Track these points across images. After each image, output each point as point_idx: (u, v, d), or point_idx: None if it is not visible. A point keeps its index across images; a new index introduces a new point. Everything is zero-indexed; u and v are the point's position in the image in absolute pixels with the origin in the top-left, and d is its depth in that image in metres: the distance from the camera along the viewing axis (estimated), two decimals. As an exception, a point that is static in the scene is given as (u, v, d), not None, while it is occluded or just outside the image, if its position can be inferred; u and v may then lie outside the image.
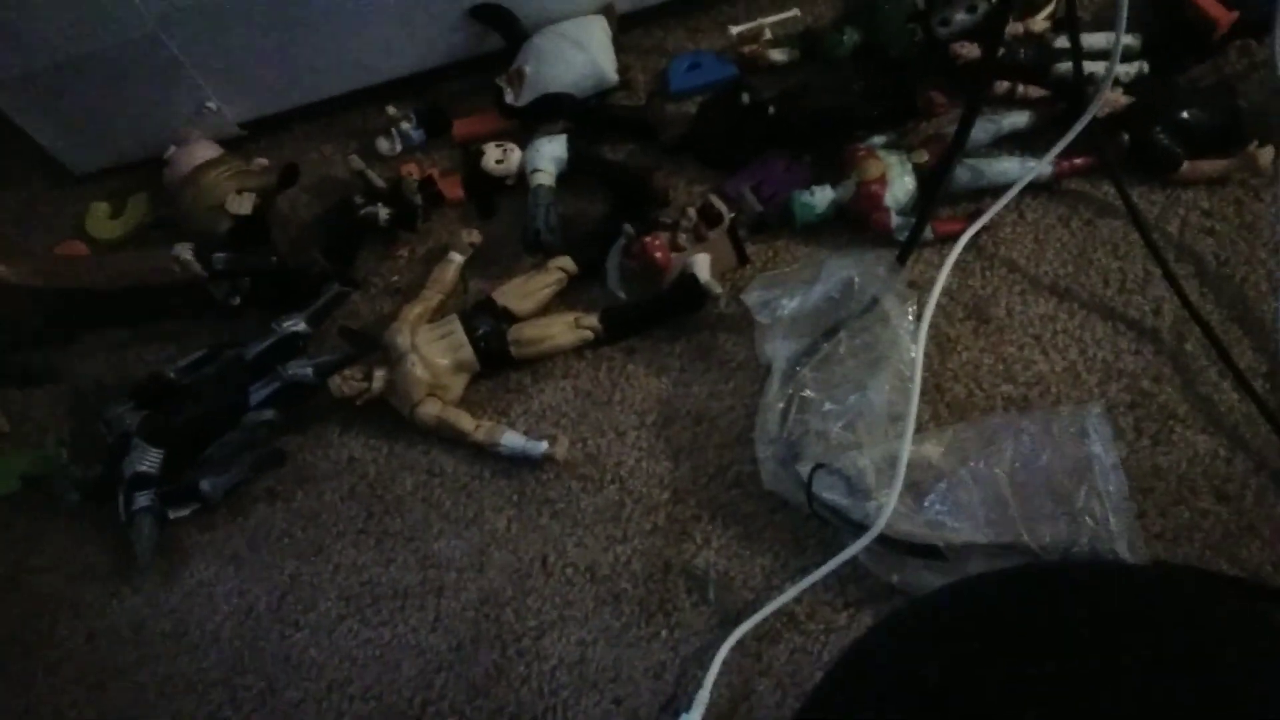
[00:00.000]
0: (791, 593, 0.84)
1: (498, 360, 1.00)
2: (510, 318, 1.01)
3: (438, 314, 1.04)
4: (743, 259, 1.01)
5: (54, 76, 1.11)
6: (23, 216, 1.28)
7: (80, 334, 1.14)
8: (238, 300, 1.05)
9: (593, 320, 1.00)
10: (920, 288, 0.96)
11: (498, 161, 1.10)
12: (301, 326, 1.03)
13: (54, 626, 0.97)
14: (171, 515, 0.98)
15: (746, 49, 1.13)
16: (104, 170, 1.27)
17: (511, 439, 0.96)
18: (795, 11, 1.14)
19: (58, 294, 1.05)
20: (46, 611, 0.98)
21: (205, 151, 1.17)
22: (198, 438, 1.00)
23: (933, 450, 0.85)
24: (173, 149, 1.18)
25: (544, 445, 0.95)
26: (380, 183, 1.11)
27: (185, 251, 0.99)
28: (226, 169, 1.12)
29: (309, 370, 0.99)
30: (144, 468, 0.97)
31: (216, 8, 1.07)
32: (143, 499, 0.96)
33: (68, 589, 0.99)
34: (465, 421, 0.97)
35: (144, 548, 0.95)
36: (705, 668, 0.83)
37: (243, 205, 1.06)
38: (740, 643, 0.83)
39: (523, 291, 1.02)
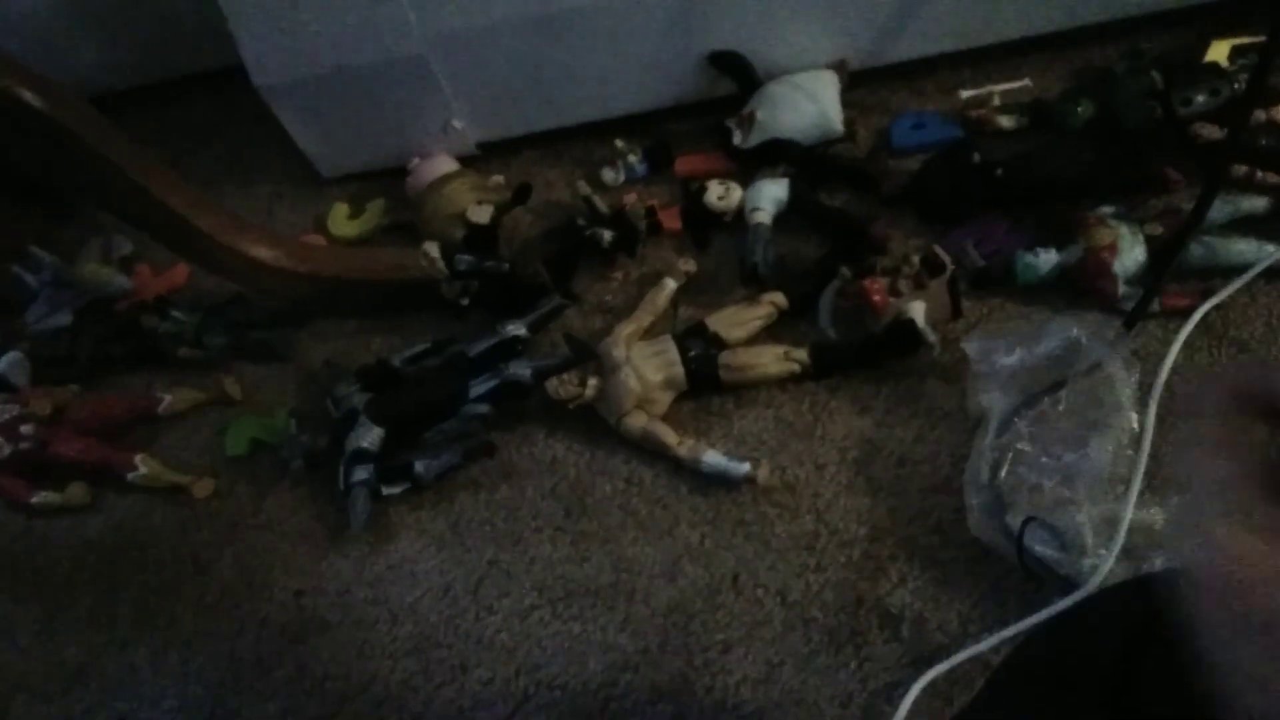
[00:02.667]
0: (990, 641, 0.86)
1: (705, 382, 1.07)
2: (720, 344, 1.08)
3: (648, 335, 1.12)
4: (957, 312, 1.06)
5: (323, 84, 1.26)
6: (268, 209, 1.43)
7: (315, 318, 1.26)
8: (466, 301, 1.15)
9: (802, 354, 1.06)
10: (1143, 357, 0.98)
11: (719, 198, 1.18)
12: (522, 331, 1.12)
13: (266, 580, 1.06)
14: (385, 491, 1.06)
15: (973, 113, 1.19)
16: (348, 175, 1.42)
17: (714, 457, 1.01)
18: (1027, 81, 1.20)
19: (307, 279, 1.18)
20: (261, 565, 1.07)
21: (445, 165, 1.30)
22: (417, 423, 1.09)
23: (1156, 517, 0.86)
24: (416, 160, 1.31)
25: (746, 467, 1.00)
26: (604, 208, 1.21)
27: (434, 250, 1.10)
28: (466, 182, 1.24)
29: (528, 371, 1.08)
30: (366, 444, 1.06)
31: (482, 35, 1.20)
32: (361, 473, 1.05)
33: (282, 547, 1.08)
34: (670, 436, 1.03)
35: (357, 517, 1.04)
36: (893, 703, 0.85)
37: (482, 215, 1.16)
38: (932, 684, 0.86)
39: (734, 320, 1.09)
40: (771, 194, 1.17)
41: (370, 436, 1.07)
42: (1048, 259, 1.04)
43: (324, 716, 0.95)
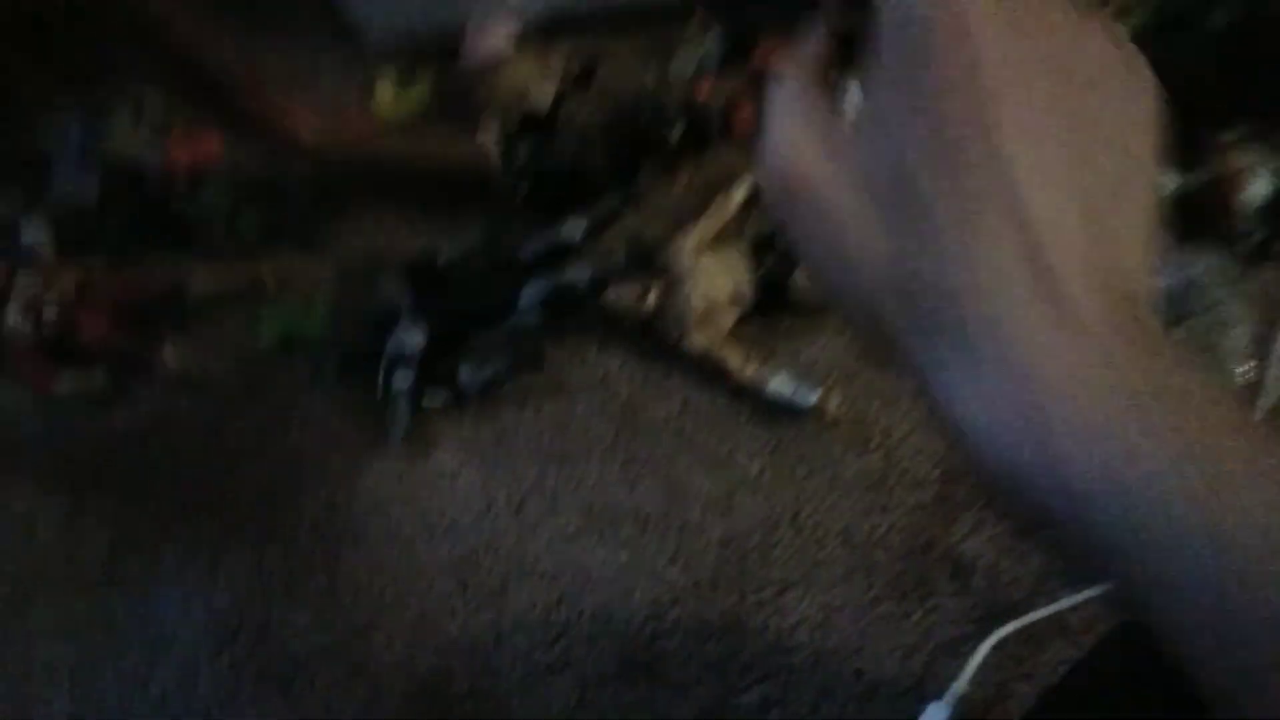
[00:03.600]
0: (1068, 600, 0.83)
1: (776, 300, 1.02)
2: (795, 259, 1.02)
3: (715, 243, 1.06)
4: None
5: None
6: (312, 84, 1.36)
7: (356, 205, 1.21)
8: (521, 196, 1.10)
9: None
10: (1264, 302, 0.91)
11: (800, 95, 1.10)
12: (579, 233, 1.07)
13: (298, 491, 1.04)
14: (426, 400, 1.03)
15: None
16: (398, 46, 1.34)
17: (780, 384, 0.97)
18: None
19: (348, 158, 1.13)
20: (292, 475, 1.05)
21: (504, 41, 1.21)
22: (463, 328, 1.05)
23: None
24: (474, 34, 1.23)
25: (815, 396, 0.96)
26: (675, 99, 1.13)
27: (489, 136, 1.04)
28: (525, 62, 1.16)
29: (584, 278, 1.03)
30: (407, 348, 1.03)
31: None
32: (401, 379, 1.02)
33: (315, 452, 1.06)
34: (734, 357, 0.99)
35: (397, 427, 1.02)
36: (960, 658, 0.82)
37: (541, 100, 1.10)
38: (1003, 641, 0.83)
39: (812, 234, 1.03)
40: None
41: (412, 340, 1.04)
42: (1166, 182, 0.96)
43: (355, 632, 0.94)
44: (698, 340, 1.00)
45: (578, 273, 1.03)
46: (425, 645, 0.93)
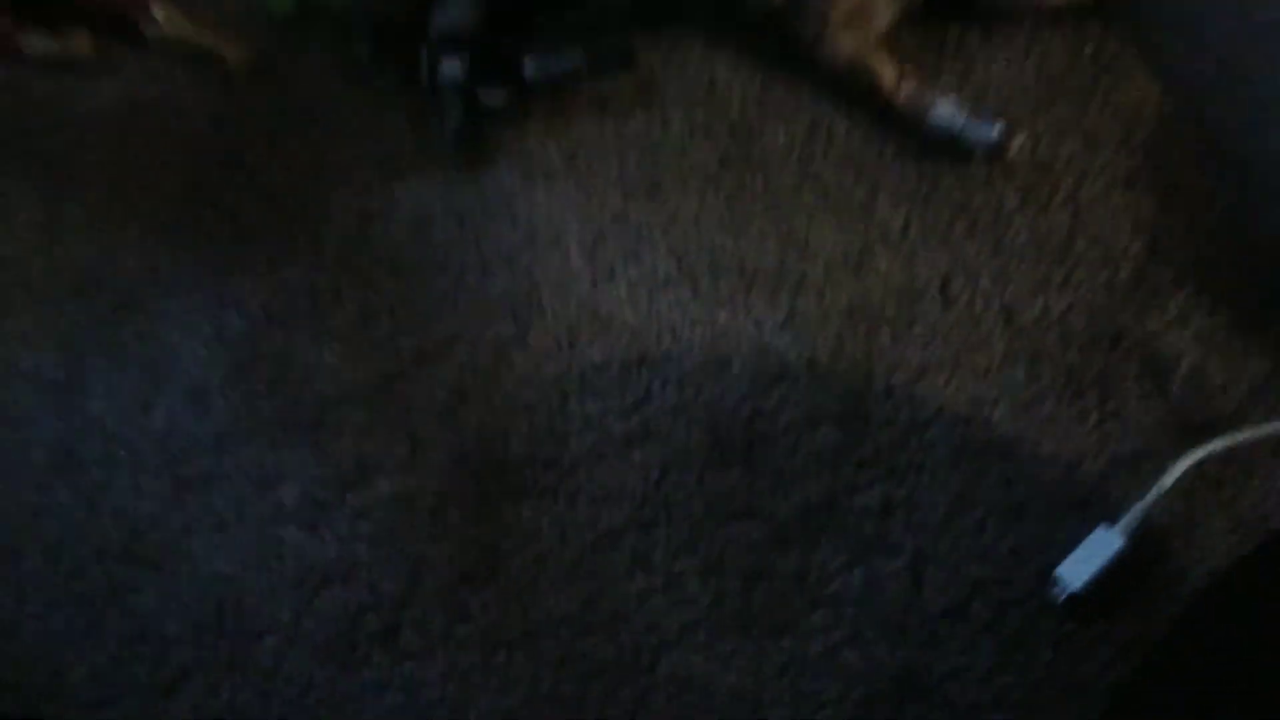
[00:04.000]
0: None
1: None
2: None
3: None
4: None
5: None
6: None
7: None
8: None
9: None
10: None
11: None
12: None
13: (321, 194, 0.89)
14: (481, 95, 0.87)
15: None
16: None
17: (947, 110, 0.80)
18: None
19: None
20: (314, 174, 0.90)
21: None
22: (529, 4, 0.88)
23: None
24: None
25: (996, 129, 0.79)
26: None
27: None
28: None
29: (696, -54, 0.82)
30: (458, 27, 0.86)
31: None
32: (451, 66, 0.86)
33: (342, 154, 0.90)
34: (887, 69, 0.82)
35: (445, 128, 0.86)
36: (1144, 477, 0.69)
37: None
38: (1203, 462, 0.69)
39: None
40: None
41: (464, 13, 0.86)
42: None
43: (393, 375, 0.81)
44: (842, 44, 0.83)
45: (689, -63, 0.83)
46: (476, 397, 0.80)
